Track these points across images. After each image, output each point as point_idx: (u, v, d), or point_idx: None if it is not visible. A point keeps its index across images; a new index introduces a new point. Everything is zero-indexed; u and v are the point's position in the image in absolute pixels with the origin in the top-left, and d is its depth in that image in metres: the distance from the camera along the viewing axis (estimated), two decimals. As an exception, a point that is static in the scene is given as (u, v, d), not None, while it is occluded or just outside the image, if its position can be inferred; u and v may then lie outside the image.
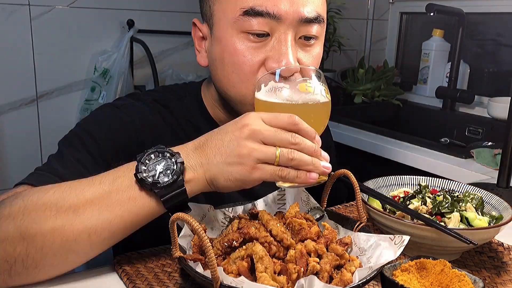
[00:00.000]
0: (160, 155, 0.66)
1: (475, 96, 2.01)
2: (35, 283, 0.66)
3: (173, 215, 0.59)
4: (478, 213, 0.85)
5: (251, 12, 0.76)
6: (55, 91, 1.85)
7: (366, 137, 1.73)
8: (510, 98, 1.13)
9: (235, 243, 0.64)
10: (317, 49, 0.83)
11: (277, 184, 0.69)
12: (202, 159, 0.67)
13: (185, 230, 0.68)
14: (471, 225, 0.81)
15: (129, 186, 0.65)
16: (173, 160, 0.65)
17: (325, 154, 0.68)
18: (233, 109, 0.86)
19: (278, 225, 0.67)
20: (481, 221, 0.81)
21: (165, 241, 0.74)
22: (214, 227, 0.76)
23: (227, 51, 0.79)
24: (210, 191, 0.69)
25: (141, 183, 0.64)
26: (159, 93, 0.92)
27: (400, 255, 0.64)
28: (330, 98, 0.73)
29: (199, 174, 0.66)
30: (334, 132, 1.81)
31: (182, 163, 0.65)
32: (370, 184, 0.91)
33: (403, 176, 0.96)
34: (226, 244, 0.65)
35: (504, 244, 0.86)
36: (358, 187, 0.75)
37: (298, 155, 0.64)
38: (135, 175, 0.65)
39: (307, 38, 0.80)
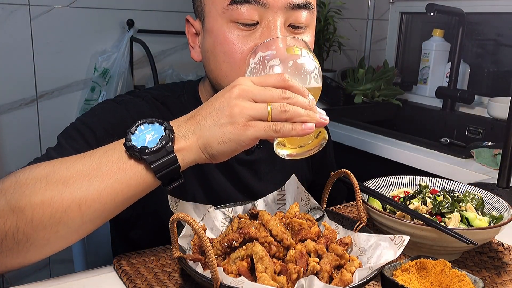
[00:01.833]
0: (150, 125, 0.66)
1: (475, 96, 2.01)
2: (29, 263, 0.65)
3: (173, 215, 0.59)
4: (478, 213, 0.84)
5: (239, 0, 0.76)
6: (55, 91, 1.85)
7: (366, 137, 1.73)
8: (510, 98, 1.13)
9: (235, 243, 0.64)
10: (308, 37, 0.82)
11: (275, 151, 0.67)
12: (194, 127, 0.66)
13: (185, 230, 0.68)
14: (471, 225, 0.81)
15: (120, 157, 0.65)
16: (162, 128, 0.65)
17: (321, 110, 0.66)
18: None
19: (278, 225, 0.67)
20: (481, 221, 0.81)
21: (165, 241, 0.74)
22: (214, 227, 0.76)
23: (217, 41, 0.79)
24: (206, 163, 0.68)
25: (130, 150, 0.64)
26: (158, 91, 0.93)
27: (400, 255, 0.64)
28: (319, 63, 0.72)
29: (191, 142, 0.66)
30: (334, 132, 1.82)
31: (171, 130, 0.65)
32: (370, 184, 0.91)
33: (403, 176, 0.96)
34: (226, 244, 0.65)
35: (504, 244, 0.86)
36: (358, 187, 0.75)
37: (291, 107, 0.63)
38: (124, 144, 0.65)
39: (296, 27, 0.80)
